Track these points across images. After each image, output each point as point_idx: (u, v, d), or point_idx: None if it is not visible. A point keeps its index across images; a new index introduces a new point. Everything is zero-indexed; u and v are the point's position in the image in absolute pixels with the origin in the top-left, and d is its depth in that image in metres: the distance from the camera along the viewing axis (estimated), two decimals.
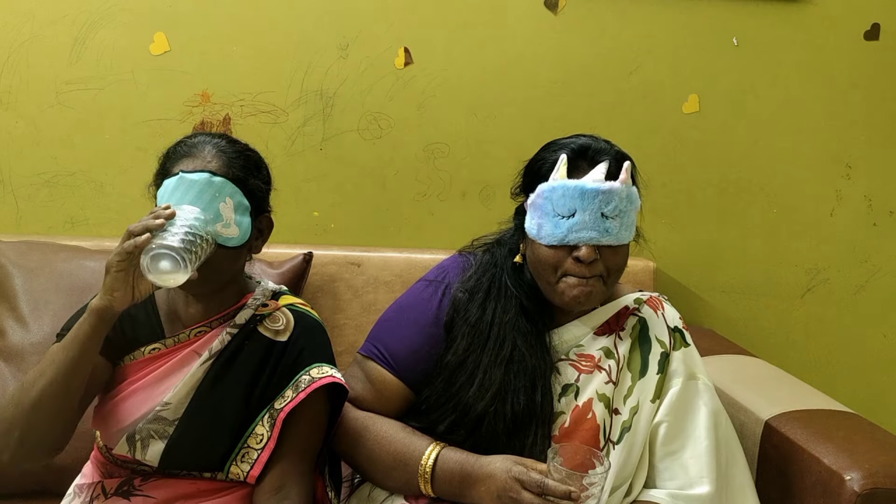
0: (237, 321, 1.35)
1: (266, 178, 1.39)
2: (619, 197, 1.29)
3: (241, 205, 1.29)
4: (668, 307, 1.48)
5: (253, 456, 1.32)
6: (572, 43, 2.16)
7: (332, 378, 1.34)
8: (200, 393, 1.32)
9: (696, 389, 1.40)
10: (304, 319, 1.40)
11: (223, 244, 1.27)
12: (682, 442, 1.37)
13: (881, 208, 2.29)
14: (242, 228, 1.29)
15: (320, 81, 2.12)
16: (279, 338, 1.36)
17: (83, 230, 2.11)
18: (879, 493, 1.31)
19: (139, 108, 2.08)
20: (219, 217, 1.25)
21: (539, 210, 1.32)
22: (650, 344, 1.42)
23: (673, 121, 2.21)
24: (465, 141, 2.17)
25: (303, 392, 1.32)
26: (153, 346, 1.35)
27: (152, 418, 1.31)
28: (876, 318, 2.32)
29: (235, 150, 1.33)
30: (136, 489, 1.33)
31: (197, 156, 1.29)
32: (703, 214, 2.25)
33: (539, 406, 1.33)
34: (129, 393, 1.33)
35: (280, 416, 1.31)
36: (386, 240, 2.18)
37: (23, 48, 2.05)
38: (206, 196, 1.25)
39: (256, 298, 1.38)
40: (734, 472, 1.39)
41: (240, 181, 1.29)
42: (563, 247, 1.30)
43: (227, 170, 1.29)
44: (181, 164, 1.29)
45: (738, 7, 2.18)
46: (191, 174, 1.26)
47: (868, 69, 2.23)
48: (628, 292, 1.48)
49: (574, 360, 1.39)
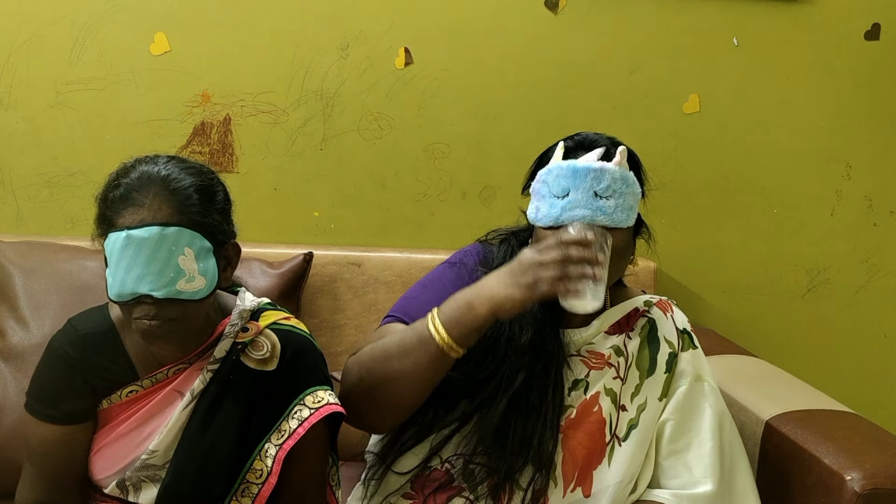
0: (216, 355, 1.23)
1: (224, 204, 1.23)
2: (611, 177, 1.29)
3: (202, 250, 1.15)
4: (677, 310, 1.49)
5: (253, 490, 1.24)
6: (572, 43, 2.16)
7: (330, 408, 1.25)
8: (189, 437, 1.23)
9: (702, 391, 1.41)
10: (292, 340, 1.28)
11: (189, 299, 1.14)
12: (687, 441, 1.38)
13: (882, 208, 2.29)
14: (209, 276, 1.15)
15: (320, 81, 2.12)
16: (268, 367, 1.25)
17: (83, 230, 2.10)
18: (880, 493, 1.31)
19: (139, 108, 2.08)
20: (180, 273, 1.12)
21: (537, 194, 1.35)
22: (659, 344, 1.43)
23: (673, 121, 2.21)
24: (466, 141, 2.17)
25: (302, 427, 1.23)
26: (130, 388, 1.24)
27: (140, 466, 1.23)
28: (876, 318, 2.32)
29: (186, 185, 1.16)
30: None
31: (142, 203, 1.13)
32: (703, 214, 2.25)
33: (552, 394, 1.34)
34: (113, 439, 1.25)
35: (280, 454, 1.23)
36: (386, 240, 2.18)
37: (23, 48, 2.04)
38: (162, 253, 1.11)
39: (234, 324, 1.25)
40: (737, 475, 1.39)
41: (196, 224, 1.14)
42: (560, 227, 1.30)
43: (180, 215, 1.13)
44: (125, 215, 1.13)
45: (739, 7, 2.18)
46: (138, 230, 1.11)
47: (868, 69, 2.23)
48: (637, 295, 1.49)
49: (585, 356, 1.40)
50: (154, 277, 1.11)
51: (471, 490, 1.32)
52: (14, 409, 1.66)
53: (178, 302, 1.14)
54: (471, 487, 1.32)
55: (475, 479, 1.32)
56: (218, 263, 1.18)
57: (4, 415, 1.67)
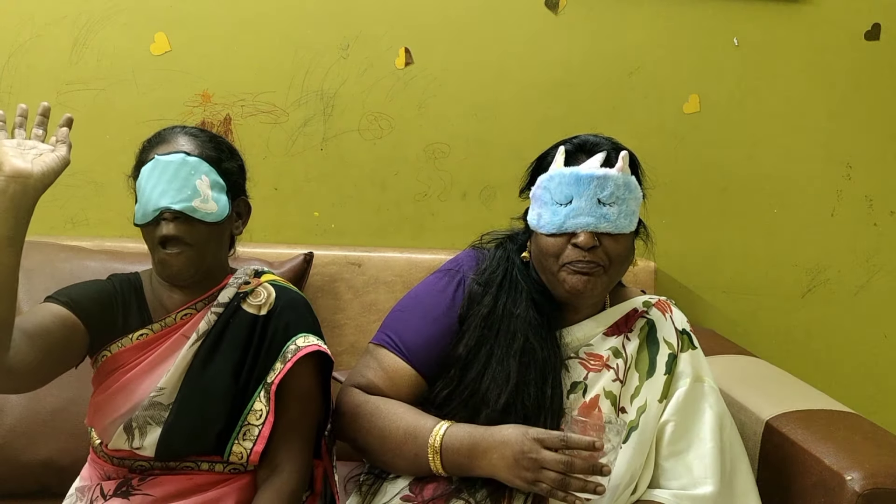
0: (221, 300, 1.37)
1: (240, 165, 1.43)
2: (615, 183, 1.30)
3: (216, 183, 1.33)
4: (676, 310, 1.49)
5: (254, 433, 1.33)
6: (572, 43, 2.16)
7: (318, 346, 1.36)
8: (191, 375, 1.33)
9: (702, 392, 1.41)
10: (287, 294, 1.43)
11: (202, 219, 1.30)
12: (688, 442, 1.38)
13: (882, 208, 2.29)
14: (220, 205, 1.32)
15: (321, 82, 2.12)
16: (262, 311, 1.39)
17: (83, 230, 2.11)
18: (880, 493, 1.31)
19: (140, 108, 2.08)
20: (196, 193, 1.30)
21: (539, 200, 1.35)
22: (658, 345, 1.43)
23: (673, 121, 2.21)
24: (466, 141, 2.17)
25: (290, 361, 1.34)
26: (141, 332, 1.36)
27: (148, 405, 1.32)
28: (876, 318, 2.32)
29: (208, 136, 1.39)
30: (135, 488, 1.33)
31: (171, 141, 1.35)
32: (703, 214, 2.25)
33: (549, 400, 1.34)
34: (124, 382, 1.34)
35: (272, 388, 1.34)
36: (386, 240, 2.18)
37: (23, 49, 2.05)
38: (182, 174, 1.30)
39: (238, 277, 1.41)
40: (738, 476, 1.39)
41: (214, 161, 1.34)
42: (563, 235, 1.31)
43: (201, 150, 1.34)
44: (156, 149, 1.35)
45: (739, 7, 2.18)
46: (165, 156, 1.31)
47: (868, 69, 2.23)
48: (636, 295, 1.49)
49: (583, 358, 1.40)
50: (174, 193, 1.29)
51: (470, 494, 1.31)
52: (14, 409, 1.67)
53: (193, 222, 1.30)
54: (470, 491, 1.31)
55: (475, 484, 1.31)
56: (230, 206, 1.35)
57: (5, 415, 1.67)
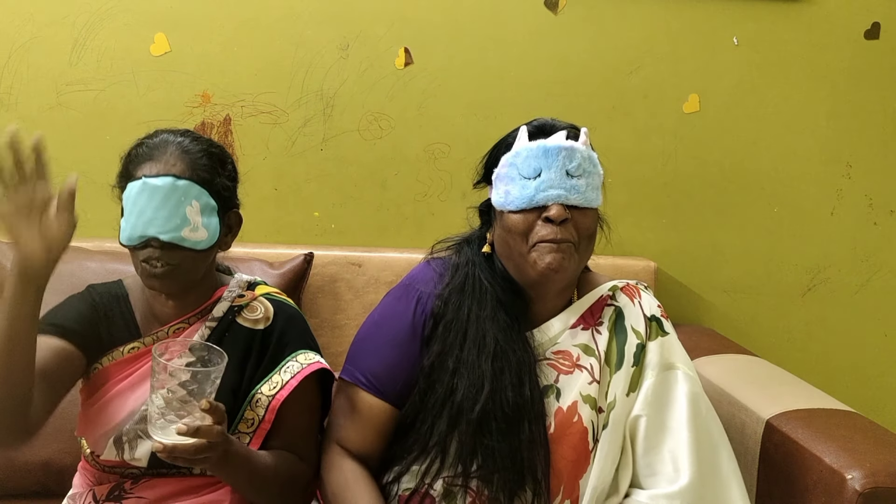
0: (215, 314, 1.35)
1: (232, 174, 1.37)
2: (581, 156, 1.29)
3: (207, 206, 1.27)
4: (646, 295, 1.43)
5: (245, 440, 1.33)
6: (572, 43, 2.16)
7: (321, 364, 1.37)
8: None
9: (673, 379, 1.35)
10: (283, 309, 1.41)
11: (192, 248, 1.26)
12: (662, 436, 1.32)
13: (882, 207, 2.29)
14: (210, 230, 1.28)
15: (321, 82, 2.12)
16: (258, 326, 1.37)
17: (83, 230, 2.07)
18: (881, 492, 1.31)
19: (140, 108, 2.08)
20: (185, 221, 1.25)
21: (504, 178, 1.32)
22: (626, 334, 1.37)
23: (673, 120, 2.21)
24: (466, 141, 2.17)
25: (294, 379, 1.34)
26: (132, 345, 1.34)
27: (139, 418, 1.30)
28: (876, 318, 2.32)
29: (199, 149, 1.30)
30: (127, 492, 1.33)
31: (159, 158, 1.27)
32: (703, 214, 2.25)
33: (529, 401, 1.29)
34: (114, 395, 1.32)
35: (273, 403, 1.33)
36: (387, 240, 2.18)
37: (23, 49, 2.05)
38: (172, 201, 1.24)
39: (232, 290, 1.39)
40: (719, 461, 1.33)
41: (205, 182, 1.28)
42: (533, 210, 1.29)
43: (192, 172, 1.27)
44: (144, 167, 1.27)
45: (739, 7, 2.18)
46: (154, 179, 1.25)
47: (868, 68, 2.23)
48: (605, 282, 1.43)
49: (552, 359, 1.35)
50: (162, 222, 1.24)
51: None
52: None
53: (181, 249, 1.26)
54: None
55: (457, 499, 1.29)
56: (220, 224, 1.30)
57: None
